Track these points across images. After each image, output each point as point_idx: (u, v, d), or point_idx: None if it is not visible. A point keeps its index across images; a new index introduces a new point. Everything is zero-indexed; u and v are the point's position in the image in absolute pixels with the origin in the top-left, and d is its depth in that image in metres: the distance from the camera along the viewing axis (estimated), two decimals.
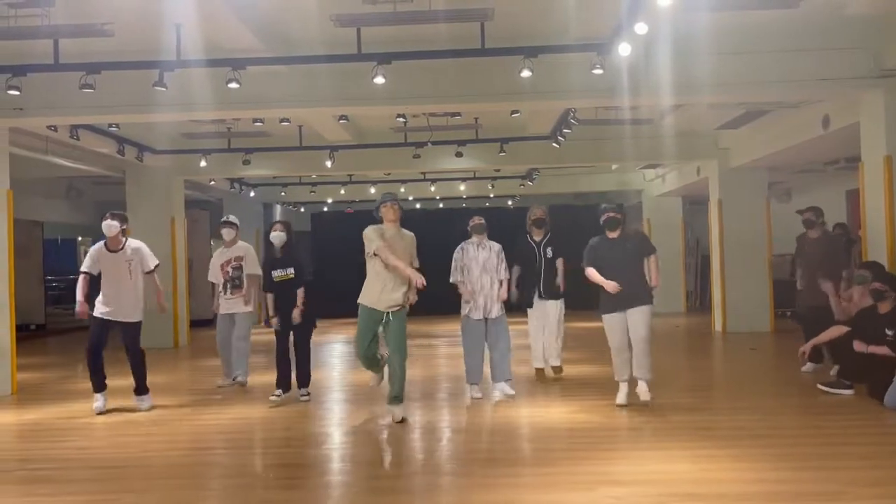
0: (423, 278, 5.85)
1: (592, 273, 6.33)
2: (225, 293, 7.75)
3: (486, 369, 7.15)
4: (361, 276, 6.12)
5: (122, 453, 5.49)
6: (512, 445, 5.60)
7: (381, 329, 6.02)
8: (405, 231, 6.12)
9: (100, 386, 6.69)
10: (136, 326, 6.74)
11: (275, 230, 7.04)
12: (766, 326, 12.17)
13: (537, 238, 7.80)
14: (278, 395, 6.97)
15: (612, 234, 6.42)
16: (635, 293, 6.28)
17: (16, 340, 8.12)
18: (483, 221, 7.10)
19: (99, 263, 6.59)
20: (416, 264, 6.11)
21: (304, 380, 7.11)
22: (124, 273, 6.60)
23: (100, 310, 6.58)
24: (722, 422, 6.06)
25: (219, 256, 7.90)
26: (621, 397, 6.42)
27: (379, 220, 6.05)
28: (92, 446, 5.70)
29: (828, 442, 5.31)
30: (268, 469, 5.11)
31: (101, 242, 6.69)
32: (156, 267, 6.85)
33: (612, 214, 6.38)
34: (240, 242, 7.92)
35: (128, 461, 5.25)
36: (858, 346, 6.37)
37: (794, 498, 4.08)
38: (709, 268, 13.63)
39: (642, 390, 6.36)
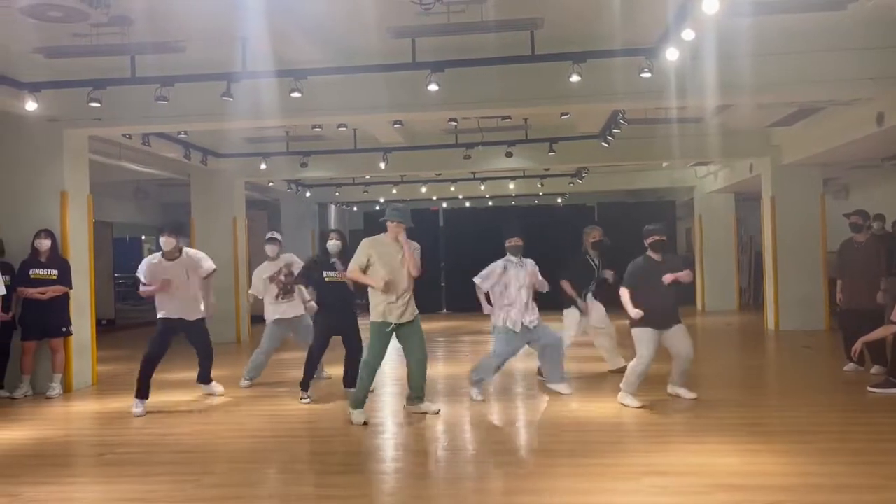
0: (380, 282, 5.96)
1: (625, 296, 6.43)
2: (278, 300, 8.00)
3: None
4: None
5: (197, 439, 5.94)
6: (560, 437, 5.81)
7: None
8: (409, 242, 6.13)
9: (145, 393, 6.84)
10: (201, 323, 7.14)
11: (331, 239, 7.33)
12: (821, 324, 12.06)
13: (596, 260, 8.07)
14: (309, 398, 7.13)
15: (656, 257, 6.52)
16: (673, 314, 6.49)
17: (95, 335, 8.71)
18: (521, 244, 7.05)
19: (157, 273, 6.88)
20: (415, 273, 6.13)
21: (353, 381, 7.38)
22: (182, 277, 6.95)
23: (164, 313, 6.93)
24: (769, 418, 6.18)
25: (264, 270, 8.08)
26: (634, 401, 6.48)
27: (385, 228, 6.17)
28: (170, 433, 6.16)
29: (873, 438, 5.39)
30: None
31: (159, 254, 7.03)
32: (213, 272, 7.20)
33: (658, 238, 6.49)
34: (282, 255, 8.18)
35: (204, 446, 5.70)
36: None
37: (834, 490, 4.22)
38: (762, 265, 13.55)
39: (685, 392, 6.61)
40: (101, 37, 6.68)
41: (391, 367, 9.30)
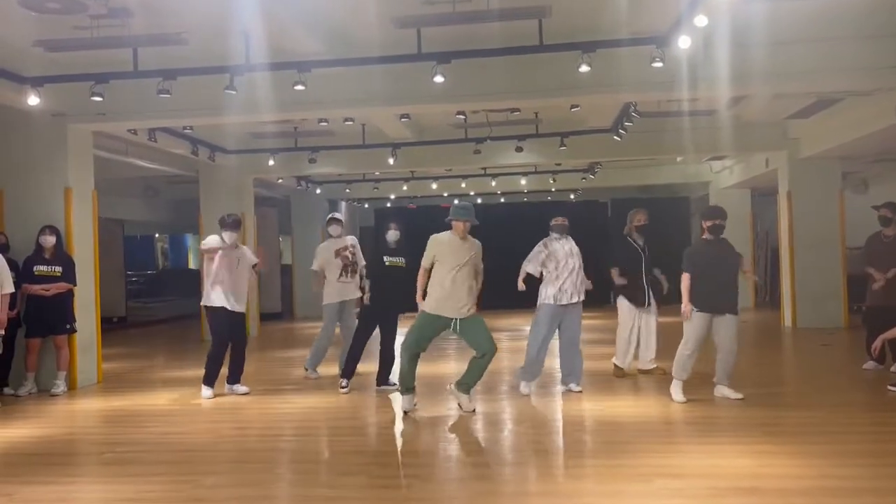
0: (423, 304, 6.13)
1: (686, 282, 6.30)
2: (342, 276, 8.06)
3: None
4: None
5: (200, 438, 5.84)
6: (574, 437, 5.69)
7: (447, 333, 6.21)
8: (472, 239, 6.22)
9: (215, 379, 7.27)
10: (244, 317, 7.48)
11: (391, 229, 7.43)
12: (840, 322, 11.82)
13: (641, 242, 7.85)
14: (346, 387, 7.22)
15: (713, 240, 6.43)
16: (731, 300, 6.32)
17: (101, 333, 8.65)
18: (566, 223, 7.13)
19: (221, 254, 7.25)
20: (480, 268, 6.26)
21: (385, 379, 7.39)
22: (234, 266, 7.30)
23: (224, 302, 7.20)
24: (786, 418, 5.99)
25: (330, 245, 8.19)
26: (681, 395, 6.39)
27: (449, 226, 6.17)
28: (173, 431, 6.07)
29: (893, 438, 5.21)
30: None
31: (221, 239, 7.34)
32: (255, 266, 7.73)
33: (720, 222, 6.41)
34: (346, 236, 8.33)
35: (206, 445, 5.60)
36: None
37: (853, 493, 4.06)
38: (778, 261, 13.30)
39: (730, 392, 6.43)
40: (102, 29, 6.58)
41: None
